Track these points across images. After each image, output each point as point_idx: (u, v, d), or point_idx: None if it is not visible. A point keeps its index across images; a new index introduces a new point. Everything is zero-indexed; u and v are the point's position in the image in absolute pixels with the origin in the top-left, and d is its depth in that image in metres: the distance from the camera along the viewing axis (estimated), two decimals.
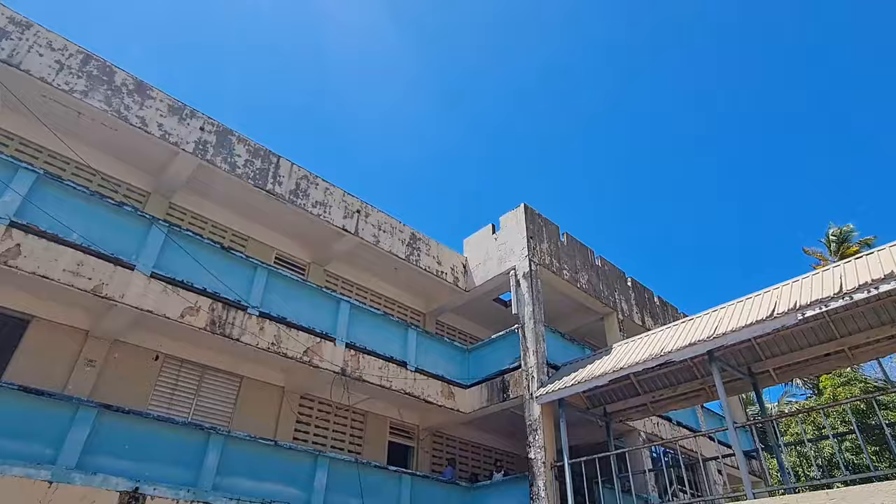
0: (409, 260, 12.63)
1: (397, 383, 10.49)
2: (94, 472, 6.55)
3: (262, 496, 7.91)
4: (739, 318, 8.19)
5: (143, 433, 7.24)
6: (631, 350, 9.83)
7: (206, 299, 8.43)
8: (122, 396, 8.09)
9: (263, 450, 8.34)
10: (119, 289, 7.57)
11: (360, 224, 11.93)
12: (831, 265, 8.29)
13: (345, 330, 10.07)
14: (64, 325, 8.18)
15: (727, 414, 8.21)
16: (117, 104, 9.00)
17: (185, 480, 7.32)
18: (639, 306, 15.18)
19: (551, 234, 13.39)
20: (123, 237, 7.87)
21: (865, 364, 23.40)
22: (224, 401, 9.61)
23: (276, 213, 11.16)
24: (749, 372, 9.48)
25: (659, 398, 10.61)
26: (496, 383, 11.34)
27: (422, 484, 10.21)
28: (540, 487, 9.63)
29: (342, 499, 8.81)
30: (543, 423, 10.19)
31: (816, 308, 7.30)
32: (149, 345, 8.93)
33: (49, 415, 6.53)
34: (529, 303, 11.63)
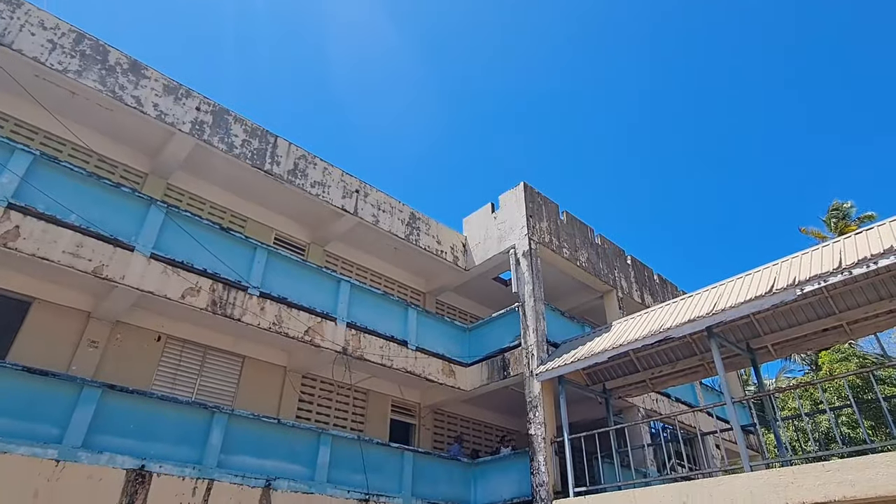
0: (408, 239, 12.62)
1: (398, 362, 10.57)
2: (100, 450, 6.64)
3: (266, 473, 8.03)
4: (738, 295, 8.22)
5: (148, 412, 7.31)
6: (630, 327, 9.88)
7: (207, 280, 8.45)
8: (125, 377, 8.16)
9: (267, 428, 8.44)
10: (119, 270, 7.58)
11: (359, 204, 11.90)
12: (831, 241, 8.29)
13: (345, 310, 10.11)
14: (66, 307, 8.21)
15: (725, 389, 8.29)
16: (112, 84, 8.90)
17: (191, 458, 7.41)
18: (638, 284, 15.22)
19: (551, 212, 13.35)
20: (122, 218, 7.85)
21: (863, 340, 23.59)
22: (227, 380, 9.70)
23: (274, 193, 11.12)
24: (748, 347, 9.54)
25: (658, 375, 10.71)
26: (496, 361, 11.43)
27: (424, 460, 10.35)
28: (540, 462, 9.77)
29: (345, 475, 8.95)
30: (543, 400, 10.29)
31: (815, 283, 7.31)
32: (151, 325, 8.97)
33: (54, 395, 6.59)
34: (529, 281, 11.66)
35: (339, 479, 8.82)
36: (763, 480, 7.07)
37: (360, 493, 8.89)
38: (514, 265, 12.18)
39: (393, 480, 9.57)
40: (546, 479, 9.55)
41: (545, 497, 9.42)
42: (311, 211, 11.64)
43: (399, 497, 9.45)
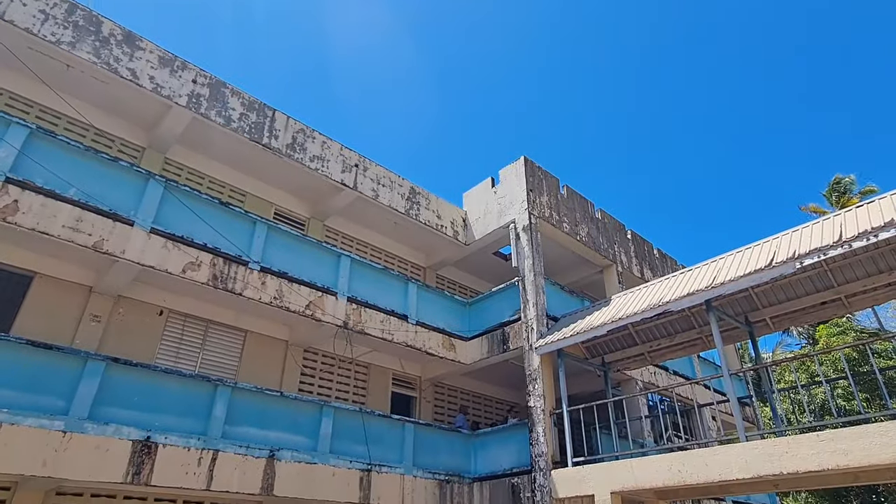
0: (408, 214, 12.60)
1: (399, 336, 10.65)
2: (105, 422, 6.75)
3: (270, 444, 8.16)
4: (738, 268, 8.24)
5: (152, 385, 7.40)
6: (630, 301, 9.93)
7: (207, 254, 8.46)
8: (129, 351, 8.23)
9: (270, 400, 8.56)
10: (119, 245, 7.58)
11: (359, 178, 11.83)
12: (831, 214, 8.28)
13: (346, 284, 10.15)
14: (67, 282, 8.24)
15: (723, 361, 8.37)
16: (106, 56, 8.76)
17: (195, 430, 7.53)
18: (638, 258, 15.24)
19: (551, 186, 13.29)
20: (121, 193, 7.82)
21: (861, 314, 23.75)
22: (229, 354, 9.79)
23: (273, 167, 11.05)
24: (746, 321, 9.61)
25: (656, 348, 10.81)
26: (496, 335, 11.52)
27: (424, 431, 10.53)
28: (539, 433, 9.93)
29: (348, 446, 9.10)
30: (543, 373, 10.41)
31: (815, 257, 7.32)
32: (153, 300, 9.02)
33: (59, 368, 6.66)
34: (529, 256, 11.67)
35: (342, 450, 8.98)
36: (758, 450, 7.20)
37: (363, 464, 9.06)
38: (514, 240, 12.18)
39: (394, 451, 9.75)
40: (545, 450, 9.72)
41: (544, 467, 9.61)
42: (311, 185, 11.58)
43: (400, 467, 9.64)
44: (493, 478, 10.47)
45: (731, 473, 7.34)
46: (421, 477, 9.85)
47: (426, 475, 9.95)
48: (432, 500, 9.85)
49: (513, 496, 9.95)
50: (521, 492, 9.82)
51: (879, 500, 18.83)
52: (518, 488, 9.91)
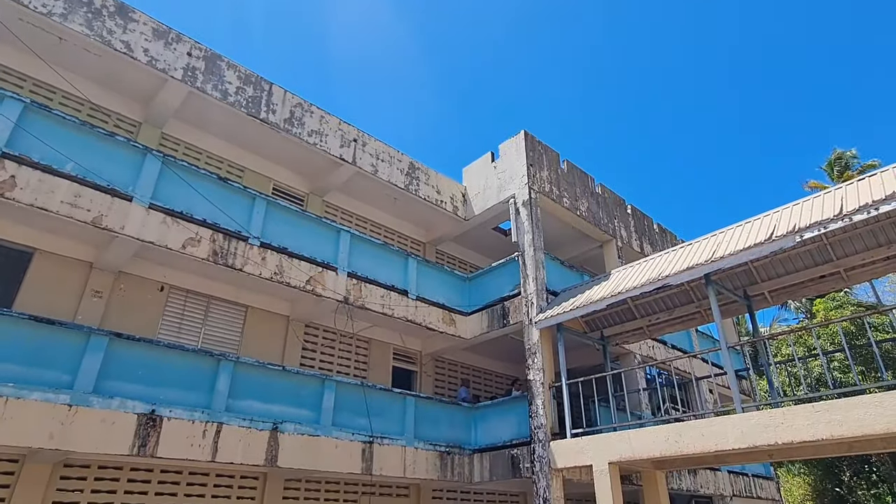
0: (408, 189, 12.54)
1: (399, 311, 10.71)
2: (110, 396, 6.83)
3: (273, 417, 8.28)
4: (737, 242, 8.24)
5: (155, 360, 7.47)
6: (629, 275, 9.97)
7: (207, 230, 8.45)
8: (131, 326, 8.28)
9: (272, 374, 8.65)
10: (118, 220, 7.56)
11: (358, 153, 11.75)
12: (832, 188, 8.25)
13: (346, 259, 10.17)
14: (67, 258, 8.24)
15: (721, 335, 8.43)
16: (99, 28, 8.60)
17: (199, 403, 7.63)
18: (638, 233, 15.25)
19: (551, 161, 13.21)
20: (118, 168, 7.76)
21: (859, 289, 23.88)
22: (231, 330, 9.85)
23: (271, 142, 10.95)
24: (744, 295, 9.66)
25: (655, 322, 10.88)
26: (496, 310, 11.58)
27: (425, 404, 10.67)
28: (539, 406, 10.07)
29: (350, 419, 9.24)
30: (542, 347, 10.50)
31: (815, 230, 7.32)
32: (153, 276, 9.04)
33: (62, 343, 6.71)
34: (529, 231, 11.66)
35: (344, 423, 9.11)
36: (754, 421, 7.32)
37: (365, 436, 9.21)
38: (513, 215, 12.15)
39: (396, 424, 9.90)
40: (544, 422, 9.87)
41: (543, 438, 9.77)
42: (309, 161, 11.50)
43: (402, 439, 9.80)
44: (493, 449, 10.66)
45: (727, 444, 7.47)
46: (422, 448, 10.03)
47: (427, 447, 10.12)
48: (433, 471, 10.04)
49: (512, 467, 10.14)
50: (521, 462, 10.00)
51: (871, 469, 19.21)
52: (518, 459, 10.09)
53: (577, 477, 9.67)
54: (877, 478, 18.92)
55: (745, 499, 15.02)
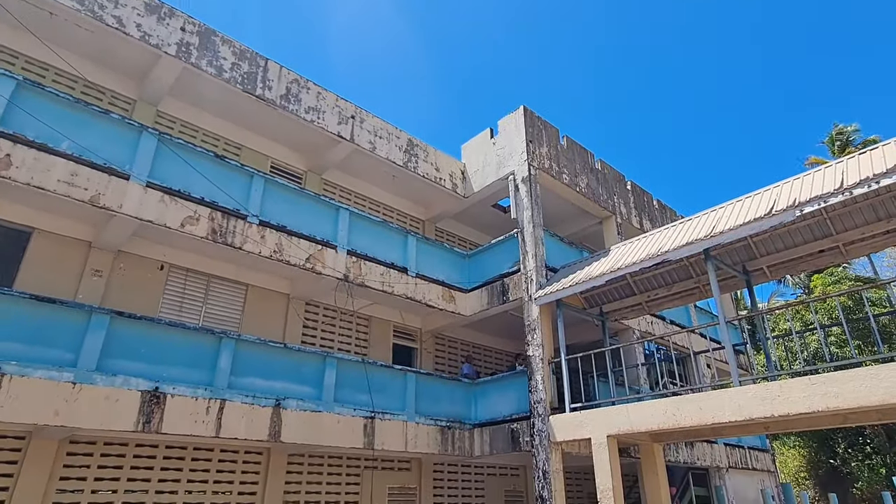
0: (406, 167, 12.46)
1: (399, 288, 10.74)
2: (114, 373, 6.89)
3: (275, 394, 8.37)
4: (737, 217, 8.23)
5: (157, 338, 7.51)
6: (628, 251, 9.97)
7: (205, 208, 8.41)
8: (132, 305, 8.30)
9: (273, 352, 8.71)
10: (116, 199, 7.52)
11: (356, 130, 11.64)
12: (833, 162, 8.21)
13: (345, 237, 10.15)
14: (66, 237, 8.22)
15: (720, 310, 8.48)
16: (90, 3, 8.43)
17: (202, 381, 7.70)
18: (637, 210, 15.21)
19: (551, 137, 13.11)
20: (114, 146, 7.69)
21: (857, 265, 23.96)
22: (231, 308, 9.89)
23: (268, 119, 10.84)
24: (743, 270, 9.69)
25: (654, 297, 10.93)
26: (496, 287, 11.62)
27: (426, 380, 10.78)
28: (538, 381, 10.17)
29: (351, 395, 9.34)
30: (542, 323, 10.56)
31: (815, 204, 7.31)
32: (153, 255, 9.03)
33: (64, 322, 6.74)
34: (528, 207, 11.63)
35: (346, 399, 9.22)
36: (750, 394, 7.41)
37: (366, 411, 9.32)
38: (513, 191, 12.10)
39: (397, 399, 10.01)
40: (543, 397, 9.98)
41: (542, 413, 9.89)
42: (307, 138, 11.41)
43: (403, 414, 9.92)
44: (493, 424, 10.80)
45: (723, 416, 7.57)
46: (423, 423, 10.16)
47: (428, 421, 10.26)
48: (434, 445, 10.20)
49: (512, 441, 10.30)
50: (521, 436, 10.15)
51: (865, 441, 19.53)
52: (517, 433, 10.24)
53: (575, 450, 9.82)
54: (871, 449, 19.24)
55: (741, 470, 15.29)
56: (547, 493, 9.42)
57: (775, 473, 17.11)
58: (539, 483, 9.59)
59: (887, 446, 18.97)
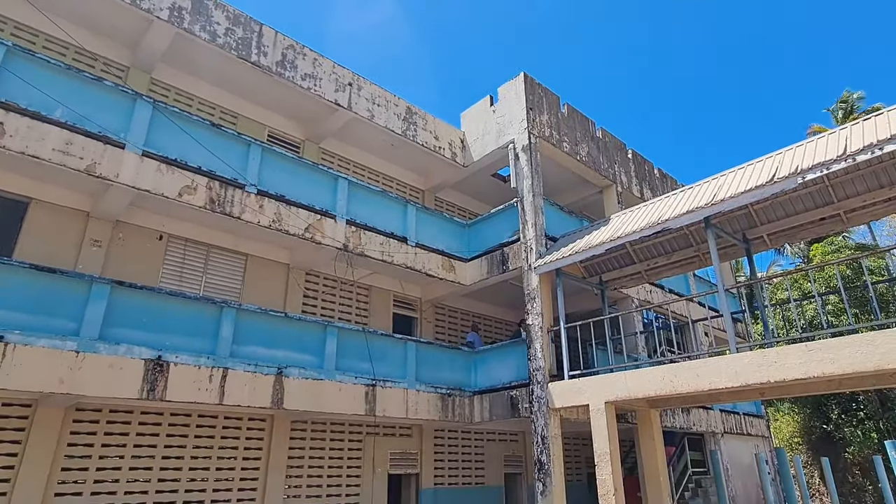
0: (405, 135, 12.32)
1: (399, 258, 10.74)
2: (116, 342, 6.94)
3: (277, 362, 8.46)
4: (739, 185, 8.18)
5: (159, 307, 7.55)
6: (628, 220, 9.94)
7: (202, 177, 8.34)
8: (132, 275, 8.31)
9: (274, 321, 8.77)
10: (112, 168, 7.45)
11: (353, 98, 11.46)
12: (837, 129, 8.11)
13: (344, 207, 10.11)
14: (64, 207, 8.17)
15: (719, 278, 8.49)
16: None
17: (204, 349, 7.77)
18: (638, 178, 15.11)
19: (551, 104, 12.92)
20: (108, 114, 7.57)
21: (856, 234, 23.96)
22: (232, 278, 9.91)
23: (264, 87, 10.66)
24: (743, 238, 9.68)
25: (654, 266, 10.95)
26: (496, 256, 11.63)
27: (426, 349, 10.89)
28: (537, 349, 10.28)
29: (352, 363, 9.45)
30: (541, 292, 10.60)
31: (818, 171, 7.25)
32: (151, 225, 9.00)
33: (65, 291, 6.76)
34: (528, 176, 11.55)
35: (347, 367, 9.33)
36: (747, 360, 7.49)
37: (367, 379, 9.45)
38: (513, 160, 12.00)
39: (398, 368, 10.14)
40: (542, 365, 10.10)
41: (541, 380, 10.02)
42: (304, 106, 11.24)
43: (404, 382, 10.05)
44: (493, 391, 10.96)
45: (720, 382, 7.67)
46: (424, 391, 10.31)
47: (429, 389, 10.41)
48: (435, 411, 10.37)
49: (511, 407, 10.46)
50: (520, 403, 10.31)
51: (858, 407, 19.84)
52: (517, 400, 10.39)
53: (574, 416, 9.99)
54: (864, 415, 19.57)
55: (736, 436, 15.60)
56: (545, 457, 9.62)
57: (769, 439, 17.46)
58: (538, 448, 9.79)
59: (880, 412, 19.30)
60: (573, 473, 14.70)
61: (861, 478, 19.74)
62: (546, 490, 9.44)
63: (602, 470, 8.79)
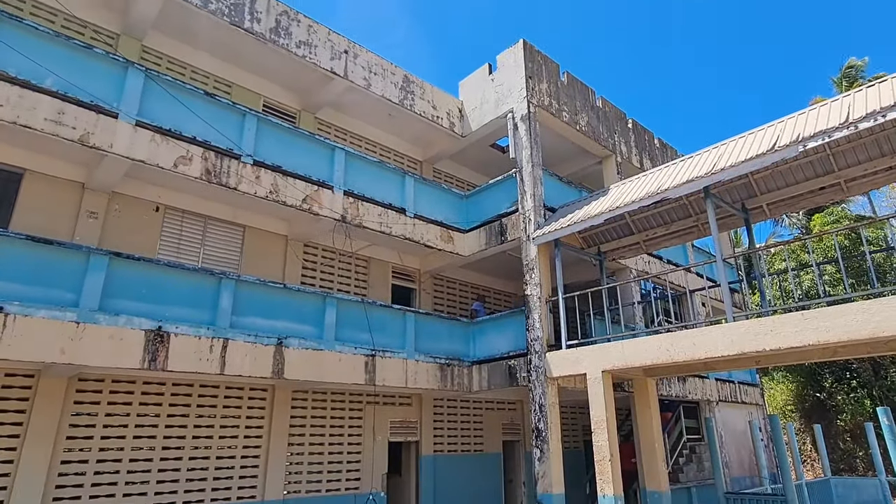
0: (402, 105, 12.15)
1: (397, 229, 10.72)
2: (116, 313, 6.97)
3: (277, 333, 8.52)
4: (739, 153, 8.11)
5: (157, 279, 7.55)
6: (628, 190, 9.89)
7: (198, 148, 8.25)
8: (129, 247, 8.29)
9: (274, 292, 8.79)
10: (106, 138, 7.35)
11: (349, 66, 11.26)
12: (840, 96, 8.00)
13: (342, 178, 10.03)
14: (58, 178, 8.09)
15: (717, 248, 8.50)
16: None
17: (204, 320, 7.81)
18: (638, 149, 14.98)
19: (551, 72, 12.71)
20: (100, 83, 7.43)
21: (855, 205, 23.91)
22: (230, 250, 9.89)
23: (258, 55, 10.45)
24: (743, 208, 9.64)
25: (652, 236, 10.95)
26: (494, 227, 11.60)
27: (425, 319, 10.96)
28: (535, 320, 10.34)
29: (352, 334, 9.52)
30: (539, 263, 10.62)
31: (820, 139, 7.18)
32: (148, 196, 8.93)
33: (62, 262, 6.75)
34: (527, 146, 11.44)
35: (347, 338, 9.40)
36: (743, 329, 7.54)
37: (367, 350, 9.53)
38: (511, 130, 11.86)
39: (397, 338, 10.22)
40: (540, 335, 10.18)
41: (539, 350, 10.12)
42: (299, 75, 11.04)
43: (403, 352, 10.15)
44: (491, 360, 11.08)
45: (716, 351, 7.75)
46: (423, 361, 10.41)
47: (428, 359, 10.51)
48: (434, 380, 10.49)
49: (510, 376, 10.59)
50: (518, 372, 10.43)
51: (852, 376, 20.15)
52: (515, 369, 10.51)
53: (571, 385, 10.12)
54: (857, 384, 19.88)
55: (731, 404, 15.86)
56: (543, 425, 9.78)
57: (763, 406, 17.75)
58: (535, 416, 9.94)
59: (873, 380, 19.60)
60: (570, 441, 14.99)
61: (852, 444, 20.17)
62: (543, 456, 9.63)
63: (598, 436, 8.95)
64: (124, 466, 8.01)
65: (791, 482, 10.80)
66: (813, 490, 14.76)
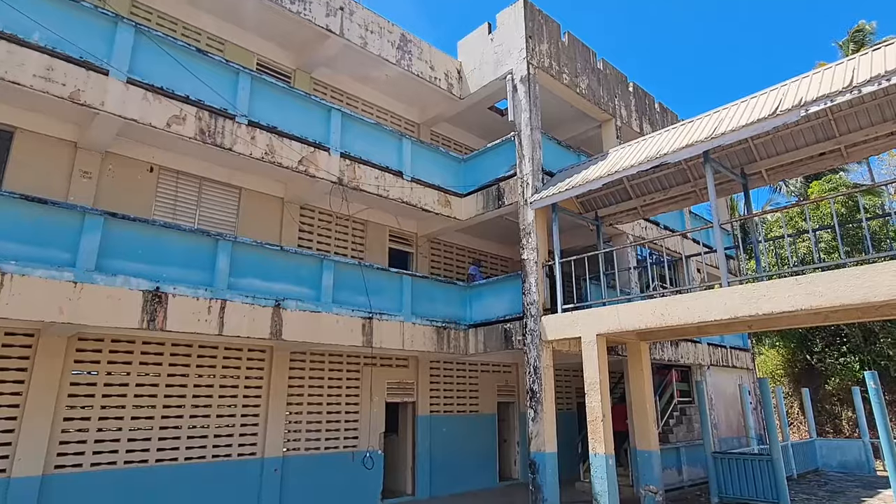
0: (399, 64, 11.90)
1: (394, 192, 10.66)
2: (113, 273, 6.97)
3: (274, 295, 8.56)
4: (740, 118, 8.01)
5: (154, 239, 7.53)
6: (627, 154, 9.81)
7: (191, 107, 8.10)
8: (124, 207, 8.25)
9: (270, 254, 8.79)
10: (97, 96, 7.21)
11: (345, 24, 10.97)
12: (844, 59, 7.86)
13: (338, 139, 9.91)
14: (50, 137, 7.97)
15: (714, 213, 8.49)
16: None
17: (202, 281, 7.83)
18: (638, 113, 14.79)
19: (552, 33, 12.42)
20: (89, 38, 7.23)
21: (854, 174, 23.83)
22: (226, 211, 9.84)
23: (251, 11, 10.17)
24: (742, 173, 9.60)
25: (650, 202, 10.93)
26: (492, 191, 11.54)
27: (422, 283, 11.01)
28: (532, 284, 10.41)
29: (349, 296, 9.57)
30: (536, 227, 10.61)
31: (822, 104, 7.09)
32: (141, 156, 8.82)
33: (58, 222, 6.71)
34: (526, 109, 11.27)
35: (344, 300, 9.46)
36: (737, 294, 7.61)
37: (364, 312, 9.60)
38: (510, 92, 11.67)
39: (394, 301, 10.29)
40: (536, 299, 10.26)
41: (535, 314, 10.22)
42: (294, 33, 10.76)
43: (400, 315, 10.23)
44: (488, 324, 11.19)
45: (710, 315, 7.83)
46: (419, 324, 10.52)
47: (424, 322, 10.61)
48: (430, 343, 10.63)
49: (505, 339, 10.72)
50: (513, 336, 10.56)
51: (842, 341, 20.47)
52: (510, 332, 10.63)
53: (566, 348, 10.26)
54: (846, 349, 20.21)
55: (722, 368, 16.14)
56: (537, 386, 9.96)
57: (753, 371, 18.07)
58: (530, 378, 10.12)
59: (863, 345, 19.92)
60: (563, 402, 15.31)
61: (840, 407, 20.65)
62: (537, 417, 9.85)
63: (591, 397, 9.14)
64: (126, 424, 8.17)
65: (777, 443, 11.10)
66: (798, 451, 15.20)
